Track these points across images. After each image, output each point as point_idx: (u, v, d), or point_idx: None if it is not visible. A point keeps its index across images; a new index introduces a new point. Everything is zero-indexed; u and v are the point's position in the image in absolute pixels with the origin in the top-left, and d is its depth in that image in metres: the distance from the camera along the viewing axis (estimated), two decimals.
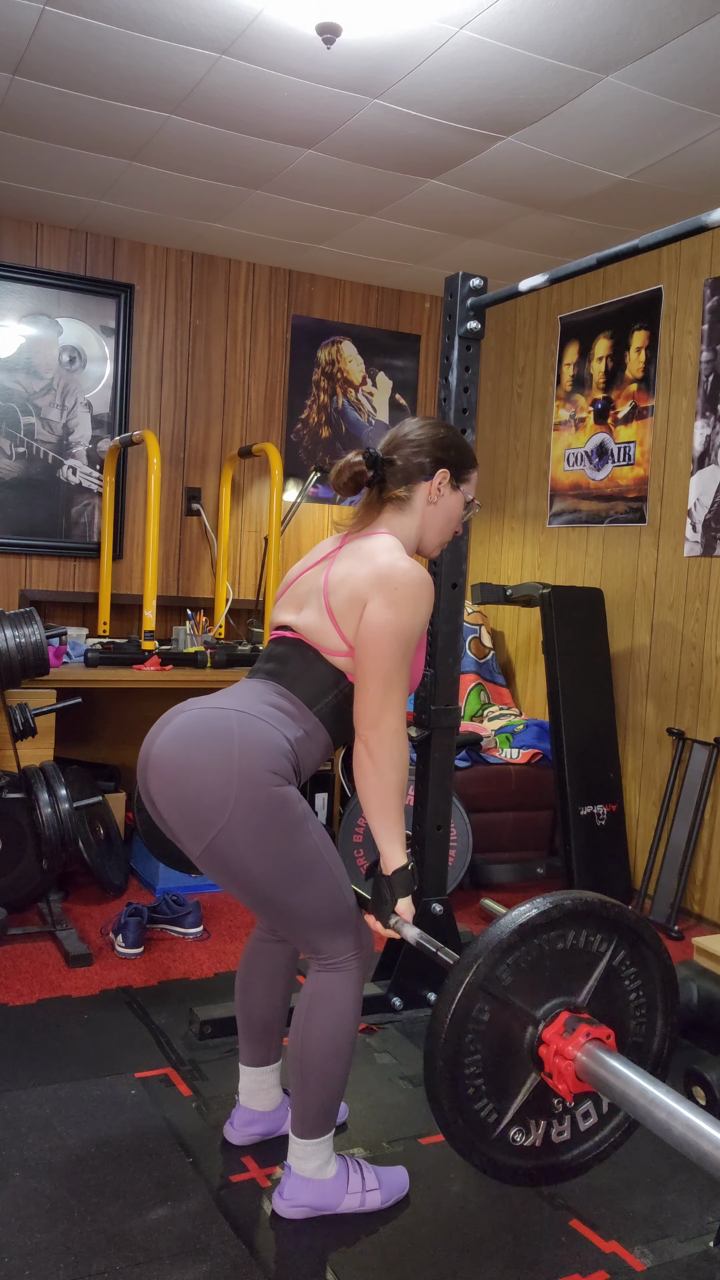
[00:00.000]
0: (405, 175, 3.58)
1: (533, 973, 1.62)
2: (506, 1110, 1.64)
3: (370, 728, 1.92)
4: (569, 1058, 1.58)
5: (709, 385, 3.86)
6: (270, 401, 4.79)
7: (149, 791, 1.96)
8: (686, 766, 3.89)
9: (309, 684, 2.00)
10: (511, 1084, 1.64)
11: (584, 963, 1.67)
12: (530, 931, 1.60)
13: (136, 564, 4.54)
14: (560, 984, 1.65)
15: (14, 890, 3.44)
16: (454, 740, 2.93)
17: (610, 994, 1.70)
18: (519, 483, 4.88)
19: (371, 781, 1.93)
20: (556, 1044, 1.59)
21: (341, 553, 2.06)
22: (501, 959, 1.58)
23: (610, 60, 2.74)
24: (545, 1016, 1.63)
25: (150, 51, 2.82)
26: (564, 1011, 1.63)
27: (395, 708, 1.93)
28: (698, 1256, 1.99)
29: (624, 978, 1.71)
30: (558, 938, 1.63)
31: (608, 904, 1.66)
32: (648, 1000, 1.74)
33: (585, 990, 1.67)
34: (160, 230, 4.31)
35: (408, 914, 1.98)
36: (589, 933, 1.66)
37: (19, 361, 4.28)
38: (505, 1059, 1.63)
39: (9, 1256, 1.87)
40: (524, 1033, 1.63)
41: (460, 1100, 1.59)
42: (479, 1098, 1.61)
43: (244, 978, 2.25)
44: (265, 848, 1.86)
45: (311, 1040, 1.97)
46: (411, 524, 2.10)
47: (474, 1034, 1.58)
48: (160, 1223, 1.99)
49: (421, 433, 2.10)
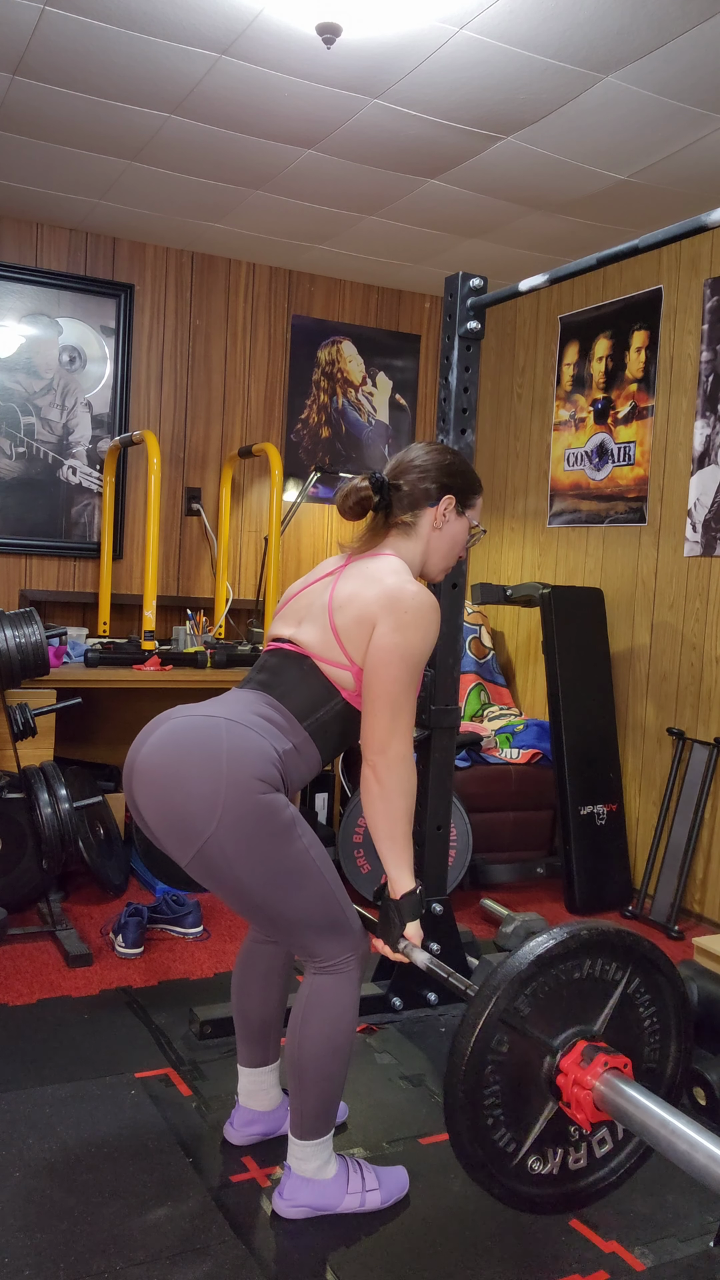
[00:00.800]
0: (405, 175, 3.58)
1: (550, 1002, 1.63)
2: (525, 1139, 1.64)
3: (378, 753, 1.93)
4: (587, 1087, 1.59)
5: (709, 385, 3.86)
6: (270, 401, 4.79)
7: (134, 799, 1.94)
8: (686, 766, 3.89)
9: (301, 697, 1.99)
10: (529, 1113, 1.64)
11: (599, 991, 1.67)
12: (547, 963, 1.61)
13: (136, 564, 4.54)
14: (576, 1013, 1.66)
15: (14, 890, 3.44)
16: (454, 740, 2.93)
17: (625, 1021, 1.70)
18: (519, 483, 4.88)
19: (379, 807, 1.94)
20: (574, 1073, 1.60)
21: (346, 571, 2.06)
22: (519, 990, 1.59)
23: (610, 60, 2.74)
24: (563, 1046, 1.63)
25: (150, 51, 2.82)
26: (581, 1040, 1.64)
27: (403, 733, 1.93)
28: (698, 1256, 1.99)
29: (638, 1005, 1.72)
30: (574, 967, 1.64)
31: (622, 933, 1.67)
32: (661, 1026, 1.74)
33: (601, 1019, 1.68)
34: (160, 230, 4.31)
35: (416, 938, 1.99)
36: (604, 962, 1.67)
37: (19, 361, 4.28)
38: (523, 1088, 1.63)
39: (9, 1256, 1.87)
40: (542, 1062, 1.64)
41: (480, 1131, 1.60)
42: (498, 1127, 1.62)
43: (240, 979, 2.25)
44: (254, 854, 1.85)
45: (309, 1042, 1.96)
46: (416, 549, 2.11)
47: (493, 1065, 1.59)
48: (160, 1223, 1.99)
49: (428, 459, 2.11)
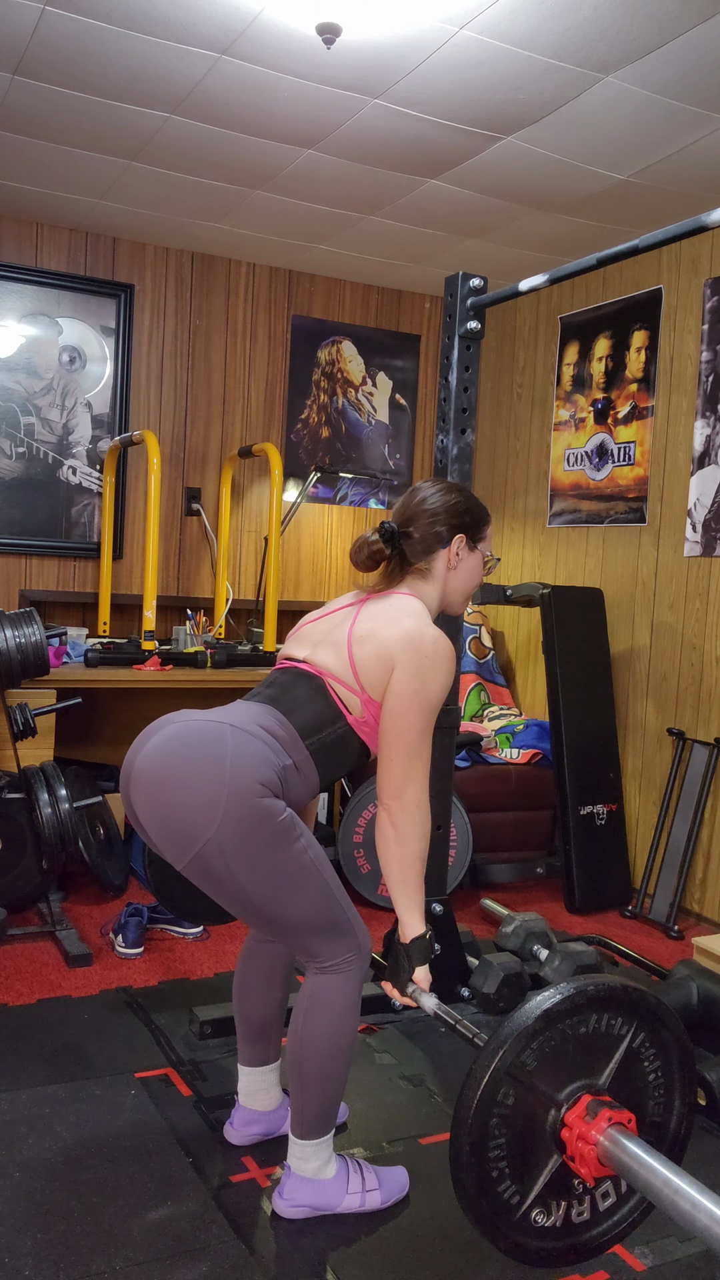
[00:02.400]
0: (405, 175, 3.58)
1: (555, 1056, 1.64)
2: (529, 1192, 1.65)
3: (394, 798, 1.94)
4: (591, 1142, 1.60)
5: (709, 385, 3.86)
6: (270, 401, 4.79)
7: (131, 802, 1.94)
8: (686, 766, 3.89)
9: (307, 714, 1.99)
10: (534, 1166, 1.65)
11: (605, 1045, 1.68)
12: (554, 1018, 1.62)
13: (136, 564, 4.54)
14: (582, 1066, 1.67)
15: (14, 890, 3.44)
16: (454, 740, 2.93)
17: (630, 1075, 1.72)
18: (519, 483, 4.88)
19: (394, 851, 1.96)
20: (579, 1128, 1.61)
21: (365, 607, 2.07)
22: (526, 1045, 1.60)
23: (610, 60, 2.74)
24: (568, 1099, 1.65)
25: (150, 51, 2.82)
26: (586, 1095, 1.64)
27: (419, 778, 1.95)
28: (698, 1256, 1.99)
29: (643, 1059, 1.73)
30: (580, 1022, 1.65)
31: (629, 989, 1.68)
32: (666, 1081, 1.76)
33: (606, 1073, 1.69)
34: (160, 230, 4.31)
35: (425, 983, 2.00)
36: (610, 1016, 1.68)
37: (19, 361, 4.28)
38: (528, 1141, 1.64)
39: (9, 1256, 1.87)
40: (547, 1115, 1.65)
41: (485, 1183, 1.61)
42: (502, 1179, 1.63)
43: (241, 978, 2.25)
44: (253, 857, 1.84)
45: (310, 1042, 1.96)
46: (433, 591, 2.13)
47: (499, 1118, 1.60)
48: (160, 1223, 1.99)
49: (435, 501, 2.12)
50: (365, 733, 2.02)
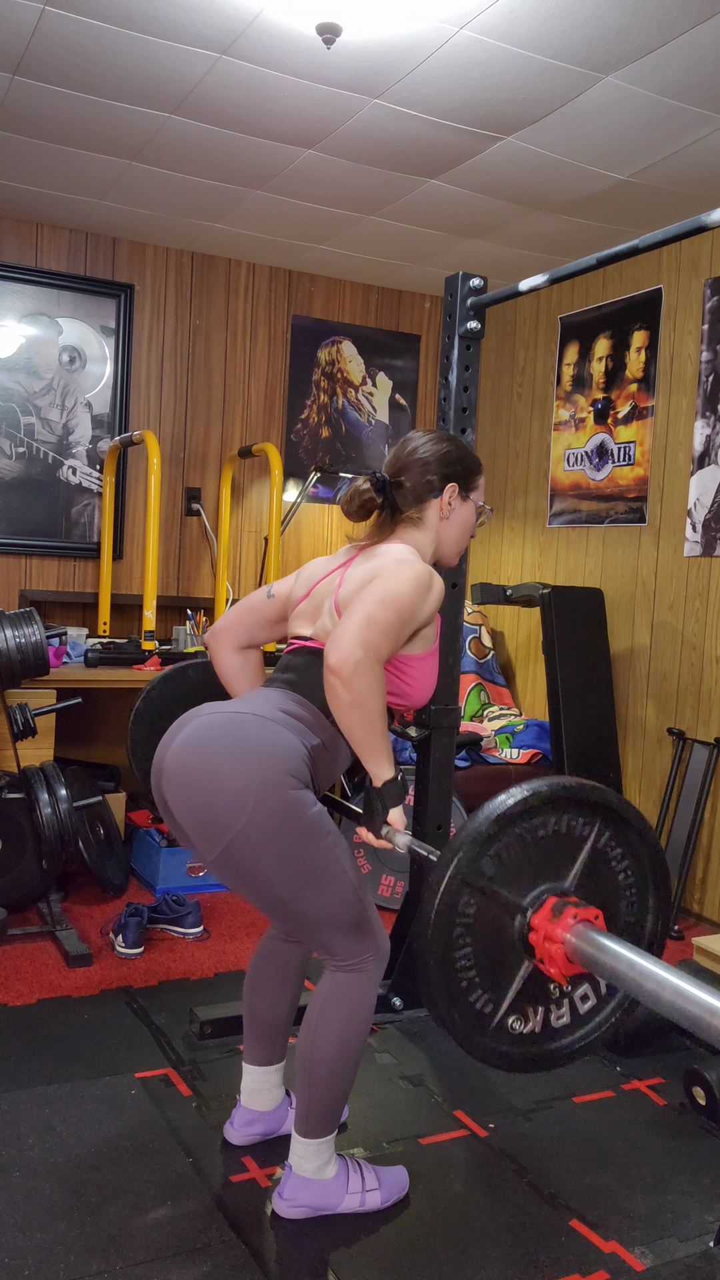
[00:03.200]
0: (405, 175, 3.58)
1: (517, 862, 1.62)
2: (502, 999, 1.64)
3: (343, 661, 1.79)
4: (558, 940, 1.57)
5: (709, 385, 3.86)
6: (270, 402, 4.79)
7: (164, 797, 1.95)
8: (686, 766, 3.89)
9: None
10: (505, 974, 1.64)
11: (568, 848, 1.66)
12: (509, 821, 1.59)
13: (136, 564, 4.54)
14: (546, 871, 1.64)
15: (14, 890, 3.44)
16: (454, 740, 2.93)
17: (598, 877, 1.69)
18: (519, 483, 4.88)
19: (355, 715, 1.83)
20: (545, 929, 1.59)
21: (355, 563, 2.07)
22: (482, 851, 1.58)
23: (610, 60, 2.74)
24: (532, 904, 1.62)
25: (150, 52, 2.82)
26: (551, 897, 1.62)
27: (372, 650, 1.82)
28: (698, 1257, 1.99)
29: (610, 859, 1.70)
30: (539, 825, 1.62)
31: (586, 786, 1.65)
32: (637, 880, 1.73)
33: (571, 875, 1.66)
34: (160, 230, 4.31)
35: (399, 823, 1.94)
36: (570, 817, 1.65)
37: (19, 362, 4.28)
38: (496, 950, 1.63)
39: (9, 1256, 1.87)
40: (513, 922, 1.63)
41: (454, 994, 1.59)
42: (473, 989, 1.61)
43: (254, 975, 2.25)
44: (282, 851, 1.85)
45: (322, 1039, 1.96)
46: (426, 539, 2.12)
47: (462, 928, 1.58)
48: (160, 1223, 1.99)
49: (426, 450, 2.11)
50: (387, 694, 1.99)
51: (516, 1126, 2.41)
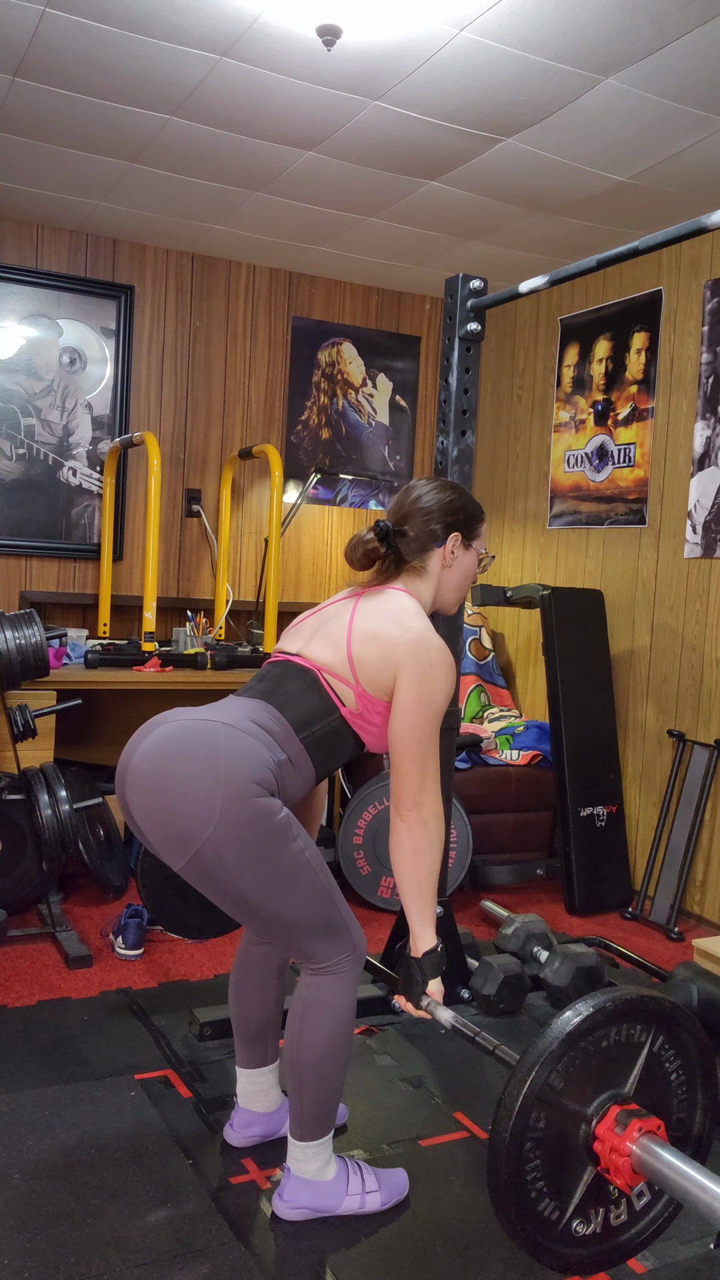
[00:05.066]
0: (405, 177, 3.58)
1: (581, 1072, 1.66)
2: (568, 1206, 1.68)
3: (412, 809, 1.96)
4: (624, 1154, 1.62)
5: (709, 387, 3.86)
6: (270, 403, 4.80)
7: (127, 803, 1.93)
8: (687, 768, 3.89)
9: (301, 708, 1.99)
10: (570, 1180, 1.68)
11: (627, 1055, 1.71)
12: (577, 1038, 1.64)
13: (137, 565, 4.54)
14: (607, 1078, 1.69)
15: (14, 891, 3.44)
16: (454, 742, 2.93)
17: (653, 1078, 1.74)
18: (519, 484, 4.88)
19: (409, 864, 1.96)
20: (611, 1140, 1.64)
21: (363, 602, 2.07)
22: (552, 1067, 1.62)
23: (610, 62, 2.74)
24: (597, 1112, 1.67)
25: (151, 53, 2.82)
26: (614, 1106, 1.66)
27: (432, 787, 1.97)
28: (699, 1259, 1.99)
29: (664, 1060, 1.75)
30: (601, 1037, 1.67)
31: (645, 997, 1.70)
32: (688, 1078, 1.78)
33: (630, 1081, 1.71)
34: (161, 232, 4.31)
35: (438, 995, 2.01)
36: (629, 1026, 1.70)
37: (19, 363, 4.28)
38: (562, 1158, 1.66)
39: (8, 1258, 1.87)
40: (578, 1130, 1.67)
41: (526, 1206, 1.63)
42: (541, 1199, 1.65)
43: (237, 981, 2.25)
44: (250, 858, 1.84)
45: (307, 1044, 1.96)
46: (428, 588, 2.13)
47: (532, 1142, 1.62)
48: (160, 1225, 1.99)
49: (429, 500, 2.12)
50: (359, 725, 2.02)
51: None
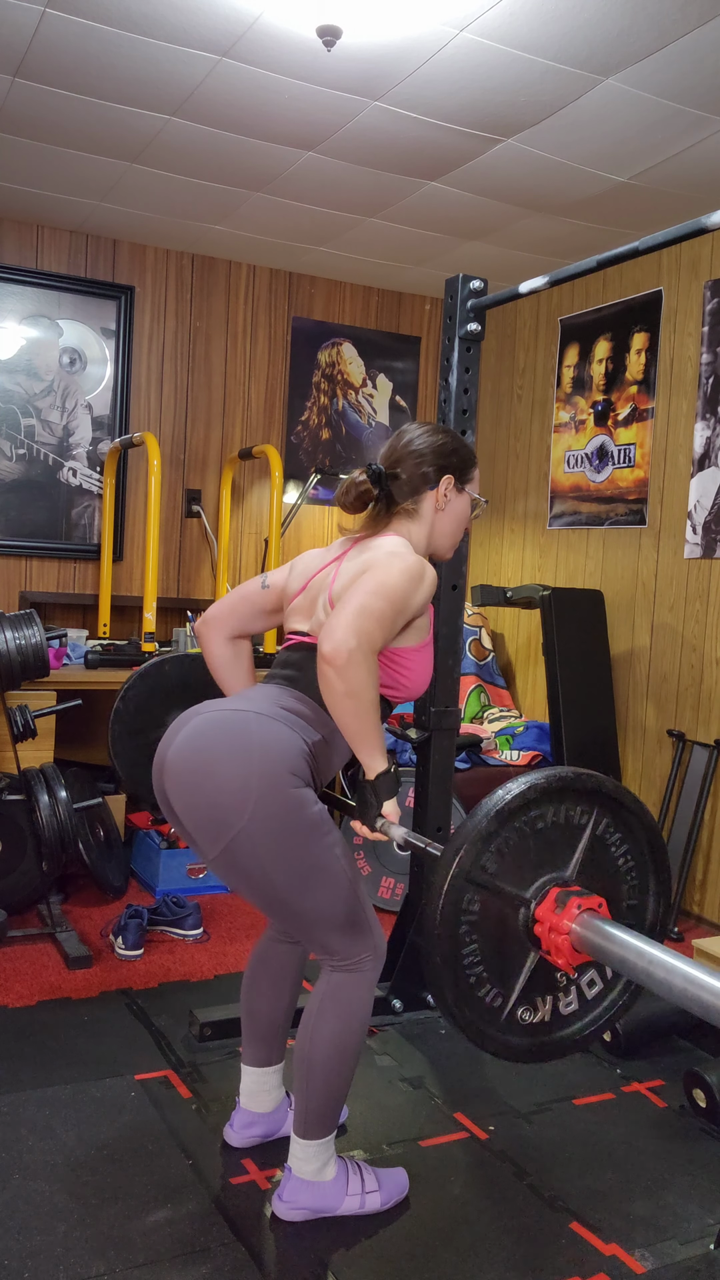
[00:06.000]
0: (406, 177, 3.58)
1: (517, 855, 1.62)
2: (511, 992, 1.64)
3: (338, 650, 1.78)
4: (564, 931, 1.58)
5: (709, 387, 3.86)
6: (270, 403, 4.80)
7: (166, 795, 1.95)
8: (686, 768, 3.89)
9: None
10: (512, 966, 1.64)
11: (567, 837, 1.66)
12: (508, 816, 1.59)
13: (137, 566, 4.54)
14: (546, 861, 1.65)
15: (14, 892, 3.44)
16: (454, 742, 2.93)
17: (598, 863, 1.70)
18: (519, 484, 4.88)
19: (348, 705, 1.81)
20: (550, 920, 1.60)
21: (348, 556, 2.07)
22: (484, 848, 1.58)
23: (611, 63, 2.74)
24: (535, 895, 1.63)
25: (151, 54, 2.82)
26: (554, 888, 1.63)
27: (366, 638, 1.81)
28: (698, 1259, 1.99)
29: (610, 845, 1.71)
30: (537, 818, 1.62)
31: (582, 775, 1.65)
32: (637, 863, 1.74)
33: (572, 864, 1.67)
34: (161, 232, 4.31)
35: (393, 815, 1.93)
36: (568, 807, 1.65)
37: (19, 363, 4.28)
38: (502, 943, 1.63)
39: (8, 1259, 1.87)
40: (517, 915, 1.63)
41: (463, 991, 1.59)
42: (481, 985, 1.62)
43: (252, 977, 2.25)
44: (283, 849, 1.85)
45: (320, 1039, 1.96)
46: (421, 531, 2.12)
47: (467, 925, 1.58)
48: (160, 1225, 1.99)
49: (422, 442, 2.11)
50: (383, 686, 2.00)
51: (517, 1128, 2.41)
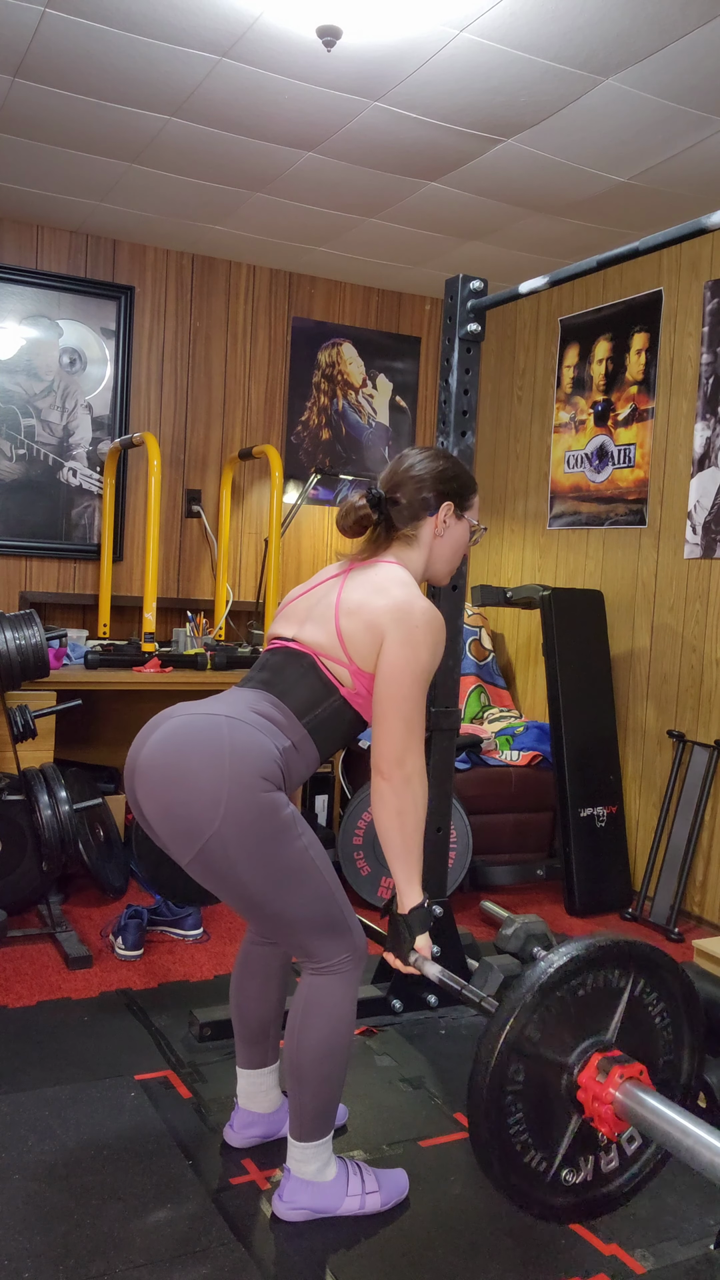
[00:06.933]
0: (406, 178, 3.58)
1: (560, 1021, 1.64)
2: (555, 1155, 1.66)
3: (395, 766, 1.93)
4: (607, 1101, 1.60)
5: (709, 387, 3.86)
6: (270, 403, 4.80)
7: (137, 799, 1.94)
8: (687, 769, 3.89)
9: (301, 694, 1.99)
10: (556, 1130, 1.66)
11: (607, 1000, 1.69)
12: (552, 987, 1.62)
13: (137, 566, 4.54)
14: (587, 1025, 1.67)
15: (14, 892, 3.44)
16: (454, 742, 2.93)
17: (637, 1023, 1.72)
18: (519, 485, 4.88)
19: (394, 824, 1.94)
20: (593, 1089, 1.61)
21: (351, 576, 2.07)
22: (528, 1019, 1.60)
23: (611, 63, 2.74)
24: (578, 1061, 1.65)
25: (151, 54, 2.82)
26: (595, 1054, 1.64)
27: (416, 748, 1.94)
28: (698, 1259, 1.99)
29: (647, 1004, 1.73)
30: (578, 985, 1.65)
31: (619, 941, 1.67)
32: (673, 1020, 1.76)
33: (612, 1027, 1.69)
34: (161, 232, 4.31)
35: (427, 951, 1.99)
36: (607, 972, 1.68)
37: (19, 363, 4.28)
38: (546, 1108, 1.65)
39: (8, 1259, 1.87)
40: (560, 1080, 1.65)
41: (510, 1158, 1.61)
42: (526, 1151, 1.63)
43: (238, 981, 2.25)
44: (256, 853, 1.85)
45: (307, 1044, 1.96)
46: (419, 558, 2.12)
47: (512, 1094, 1.61)
48: (160, 1225, 1.99)
49: (422, 468, 2.11)
50: (359, 704, 2.02)
51: None
